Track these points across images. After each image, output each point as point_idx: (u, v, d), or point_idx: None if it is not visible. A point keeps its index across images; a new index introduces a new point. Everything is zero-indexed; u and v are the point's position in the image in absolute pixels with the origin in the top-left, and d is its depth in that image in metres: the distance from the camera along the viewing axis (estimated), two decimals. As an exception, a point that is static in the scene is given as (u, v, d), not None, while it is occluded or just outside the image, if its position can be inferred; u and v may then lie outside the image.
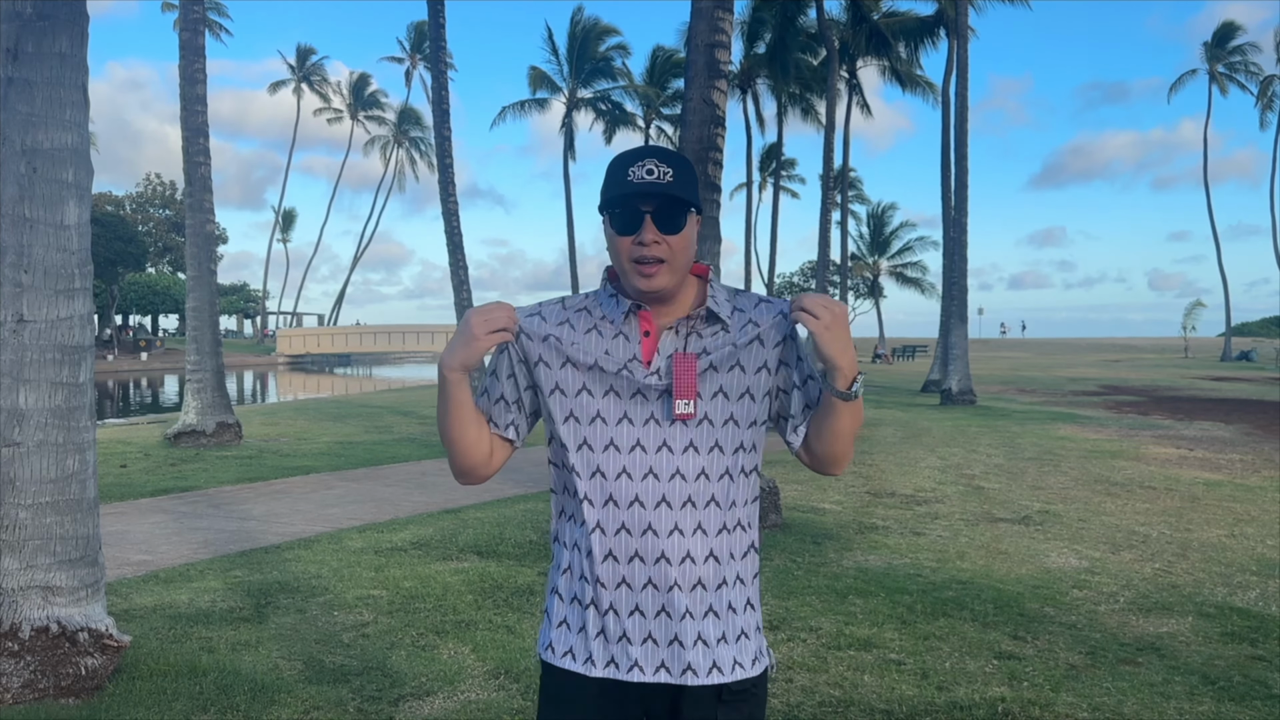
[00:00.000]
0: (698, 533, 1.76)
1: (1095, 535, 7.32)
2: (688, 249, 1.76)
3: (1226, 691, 4.09)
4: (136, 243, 53.49)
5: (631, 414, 1.76)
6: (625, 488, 1.75)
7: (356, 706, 3.89)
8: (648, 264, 1.72)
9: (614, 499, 1.76)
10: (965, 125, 22.41)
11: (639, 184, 1.70)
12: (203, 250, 13.52)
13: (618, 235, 1.74)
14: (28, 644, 3.94)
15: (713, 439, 1.77)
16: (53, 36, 4.12)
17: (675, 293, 1.79)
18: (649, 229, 1.71)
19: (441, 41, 17.57)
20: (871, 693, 4.06)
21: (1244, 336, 79.65)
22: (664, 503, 1.75)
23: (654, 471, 1.75)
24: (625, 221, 1.72)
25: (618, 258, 1.76)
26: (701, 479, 1.76)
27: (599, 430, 1.78)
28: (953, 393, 21.33)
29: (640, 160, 1.72)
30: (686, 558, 1.75)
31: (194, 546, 6.87)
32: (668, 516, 1.74)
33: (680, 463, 1.75)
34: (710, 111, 8.68)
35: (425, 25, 47.75)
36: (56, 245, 4.12)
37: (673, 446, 1.76)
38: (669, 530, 1.74)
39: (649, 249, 1.71)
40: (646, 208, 1.71)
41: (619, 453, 1.76)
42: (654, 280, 1.73)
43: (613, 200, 1.74)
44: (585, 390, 1.78)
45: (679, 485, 1.75)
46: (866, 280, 62.27)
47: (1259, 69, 50.09)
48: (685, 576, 1.75)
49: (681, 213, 1.72)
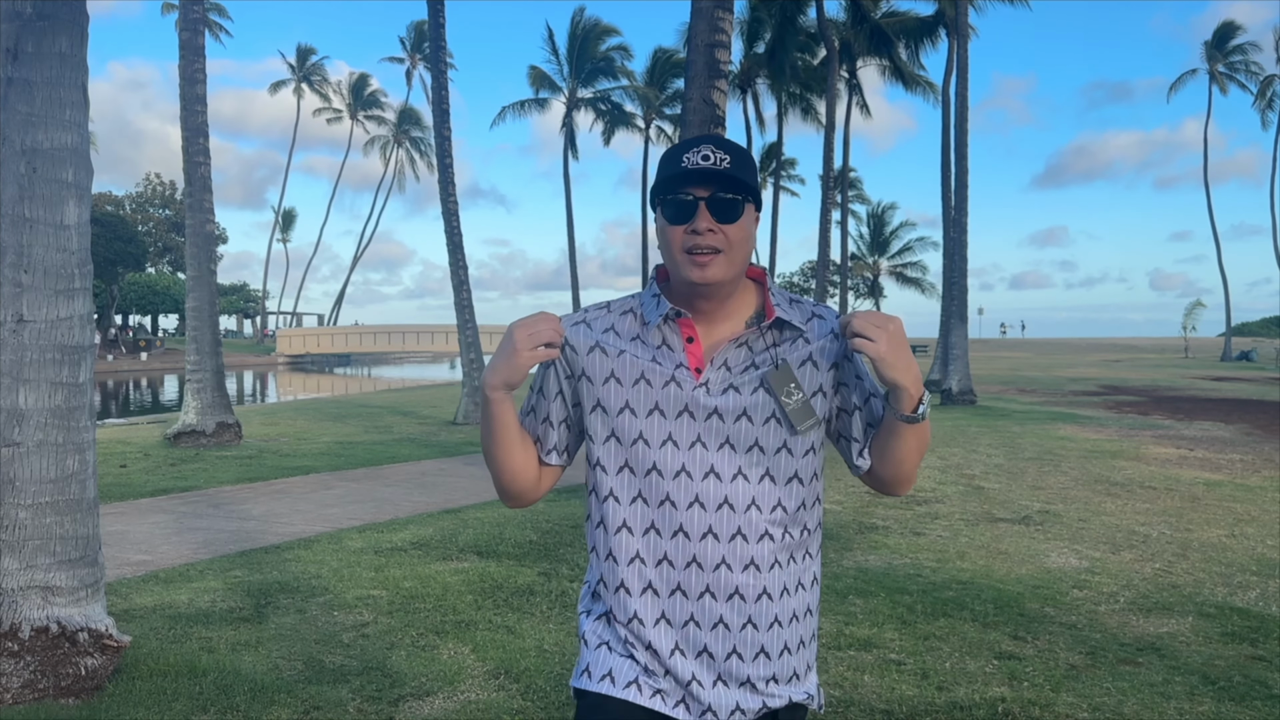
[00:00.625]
0: (749, 569, 1.64)
1: (1095, 535, 7.32)
2: (745, 242, 1.63)
3: (1227, 692, 4.08)
4: (136, 242, 53.53)
5: (677, 436, 1.64)
6: (669, 516, 1.64)
7: (356, 707, 3.89)
8: (702, 254, 1.60)
9: (656, 527, 1.65)
10: (965, 125, 22.41)
11: (694, 169, 1.58)
12: (202, 250, 13.52)
13: (670, 225, 1.62)
14: (27, 644, 3.94)
15: (764, 467, 1.65)
16: (52, 36, 4.12)
17: (729, 293, 1.67)
18: (703, 216, 1.59)
19: (441, 41, 17.57)
20: (872, 693, 4.05)
21: (1244, 336, 79.65)
22: (710, 534, 1.63)
23: (700, 500, 1.63)
24: (678, 209, 1.61)
25: (669, 250, 1.64)
26: (752, 509, 1.64)
27: (641, 452, 1.66)
28: (953, 392, 21.33)
29: (696, 147, 1.61)
30: (735, 594, 1.64)
31: (194, 546, 6.87)
32: (714, 549, 1.63)
33: (730, 491, 1.63)
34: (710, 111, 8.68)
35: (425, 25, 47.75)
36: (56, 245, 4.12)
37: (720, 473, 1.63)
38: (715, 564, 1.63)
39: (703, 238, 1.59)
40: (701, 194, 1.59)
41: (662, 478, 1.64)
42: (708, 270, 1.60)
43: (666, 186, 1.62)
44: (629, 409, 1.66)
45: (726, 515, 1.63)
46: (866, 280, 62.24)
47: (1260, 68, 50.10)
48: (734, 614, 1.64)
49: (738, 201, 1.60)
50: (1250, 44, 50.20)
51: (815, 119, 37.48)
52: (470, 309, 17.35)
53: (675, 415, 1.63)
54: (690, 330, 1.67)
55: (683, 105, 9.05)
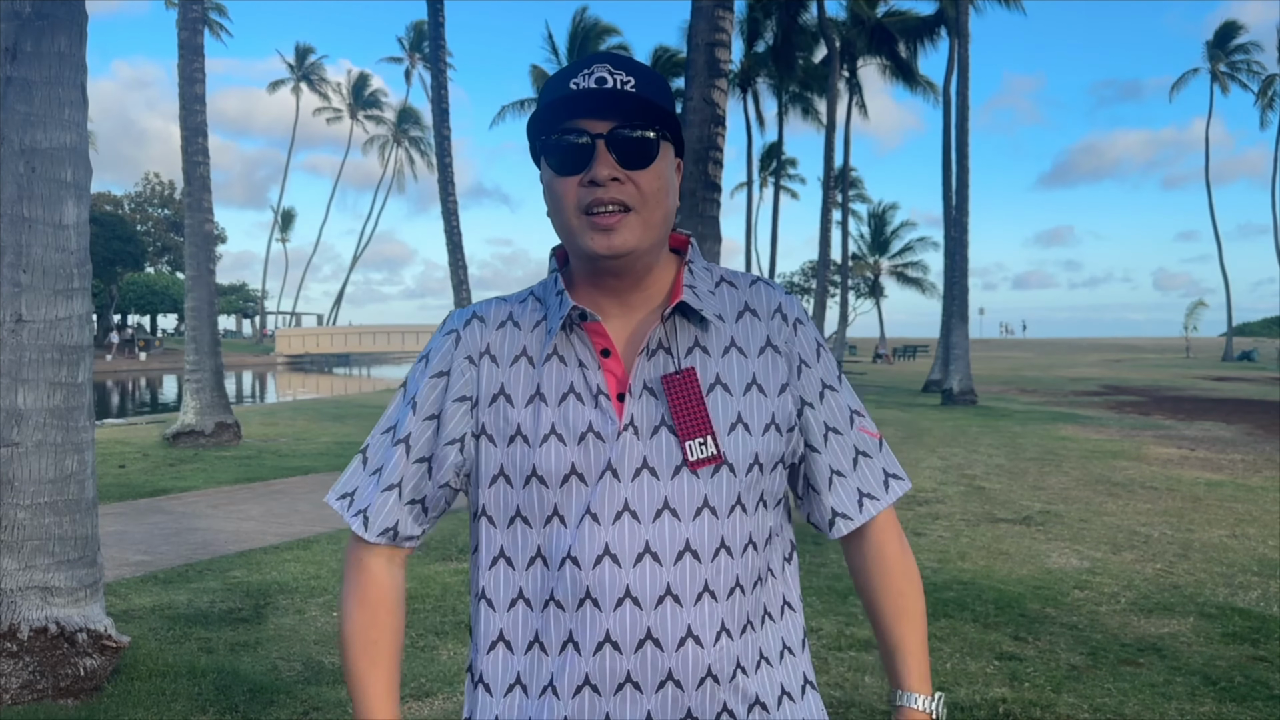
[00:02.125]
0: (722, 637, 1.18)
1: (1096, 535, 7.31)
2: (664, 194, 1.17)
3: (1228, 692, 4.07)
4: (135, 242, 53.53)
5: (612, 463, 1.19)
6: (609, 576, 1.16)
7: (356, 707, 3.88)
8: (605, 213, 1.14)
9: (591, 595, 1.16)
10: (966, 125, 22.40)
11: (584, 93, 1.13)
12: (201, 250, 13.51)
13: (557, 176, 1.16)
14: (26, 644, 3.93)
15: (734, 494, 1.19)
16: (51, 36, 4.11)
17: (646, 266, 1.22)
18: (603, 160, 1.13)
19: (441, 41, 17.56)
20: (872, 693, 4.04)
21: (1245, 336, 79.65)
22: (669, 596, 1.16)
23: (651, 550, 1.16)
24: (567, 154, 1.15)
25: (561, 212, 1.18)
26: (722, 554, 1.19)
27: (541, 495, 1.20)
28: (954, 393, 21.32)
29: (588, 67, 1.16)
30: (708, 677, 1.17)
31: (193, 547, 6.86)
32: (677, 616, 1.16)
33: (691, 533, 1.17)
34: (710, 111, 8.67)
35: (424, 24, 47.78)
36: (55, 245, 4.10)
37: (678, 510, 1.17)
38: (678, 639, 1.16)
39: (606, 191, 1.13)
40: (598, 129, 1.13)
41: (593, 523, 1.17)
42: (615, 236, 1.14)
43: (548, 121, 1.15)
44: (521, 437, 1.22)
45: (690, 567, 1.17)
46: (867, 280, 62.27)
47: (1261, 68, 50.12)
48: (707, 702, 1.17)
49: (651, 140, 1.15)
50: (1252, 43, 50.26)
51: (816, 118, 37.49)
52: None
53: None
54: (605, 341, 1.22)
55: (683, 104, 9.04)
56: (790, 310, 1.29)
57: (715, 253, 9.10)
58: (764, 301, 1.28)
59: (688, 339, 1.23)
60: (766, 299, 1.28)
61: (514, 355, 1.25)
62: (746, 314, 1.27)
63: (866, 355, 58.49)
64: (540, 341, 1.25)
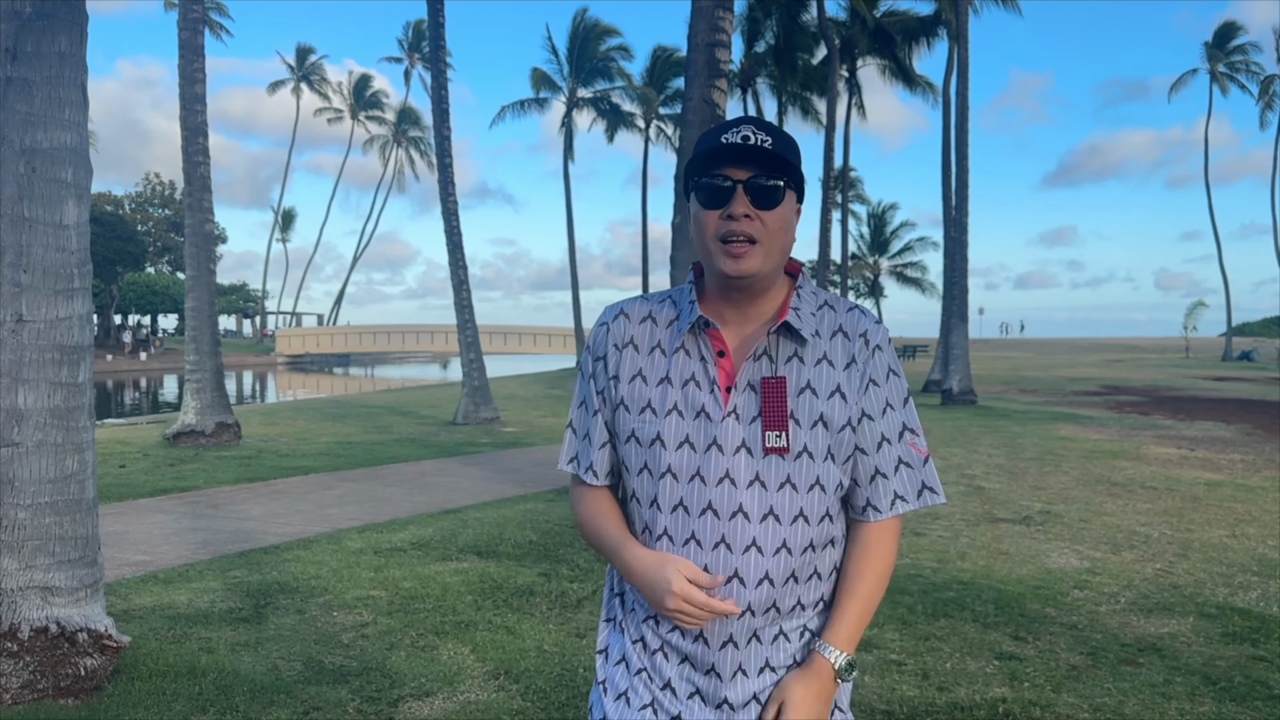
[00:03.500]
0: (789, 582, 1.54)
1: (1096, 535, 7.32)
2: (784, 232, 1.50)
3: (1228, 692, 4.08)
4: (136, 242, 53.52)
5: (718, 439, 1.54)
6: (710, 525, 1.52)
7: (356, 707, 3.88)
8: (737, 242, 1.47)
9: (696, 537, 1.52)
10: (966, 125, 22.41)
11: (731, 147, 1.46)
12: (202, 250, 13.52)
13: (704, 209, 1.50)
14: (27, 644, 3.94)
15: (814, 475, 1.53)
16: (52, 36, 4.12)
17: (764, 288, 1.55)
18: (740, 201, 1.46)
19: (441, 41, 17.56)
20: (872, 693, 4.05)
21: (1245, 336, 79.66)
22: (754, 547, 1.52)
23: (744, 510, 1.51)
24: (713, 193, 1.48)
25: (702, 238, 1.51)
26: (800, 521, 1.53)
27: (660, 455, 1.55)
28: (953, 393, 21.33)
29: (736, 127, 1.49)
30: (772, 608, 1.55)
31: (193, 547, 6.86)
32: (759, 563, 1.52)
33: (775, 500, 1.52)
34: (710, 111, 8.67)
35: (423, 24, 47.76)
36: (55, 245, 4.11)
37: (766, 482, 1.52)
38: (758, 579, 1.52)
39: (739, 224, 1.46)
40: (739, 177, 1.47)
41: (700, 483, 1.53)
42: (743, 262, 1.47)
43: (700, 166, 1.49)
44: (650, 409, 1.57)
45: (772, 526, 1.52)
46: (867, 280, 62.27)
47: (1260, 68, 50.11)
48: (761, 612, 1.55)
49: (779, 187, 1.48)
50: (1251, 44, 50.26)
51: (816, 118, 37.48)
52: (470, 309, 17.37)
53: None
54: (721, 344, 1.55)
55: (683, 105, 9.04)
56: (873, 337, 1.58)
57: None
58: (854, 326, 1.58)
59: (788, 350, 1.54)
60: (857, 324, 1.58)
61: (651, 346, 1.60)
62: (839, 334, 1.57)
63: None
64: (672, 337, 1.59)
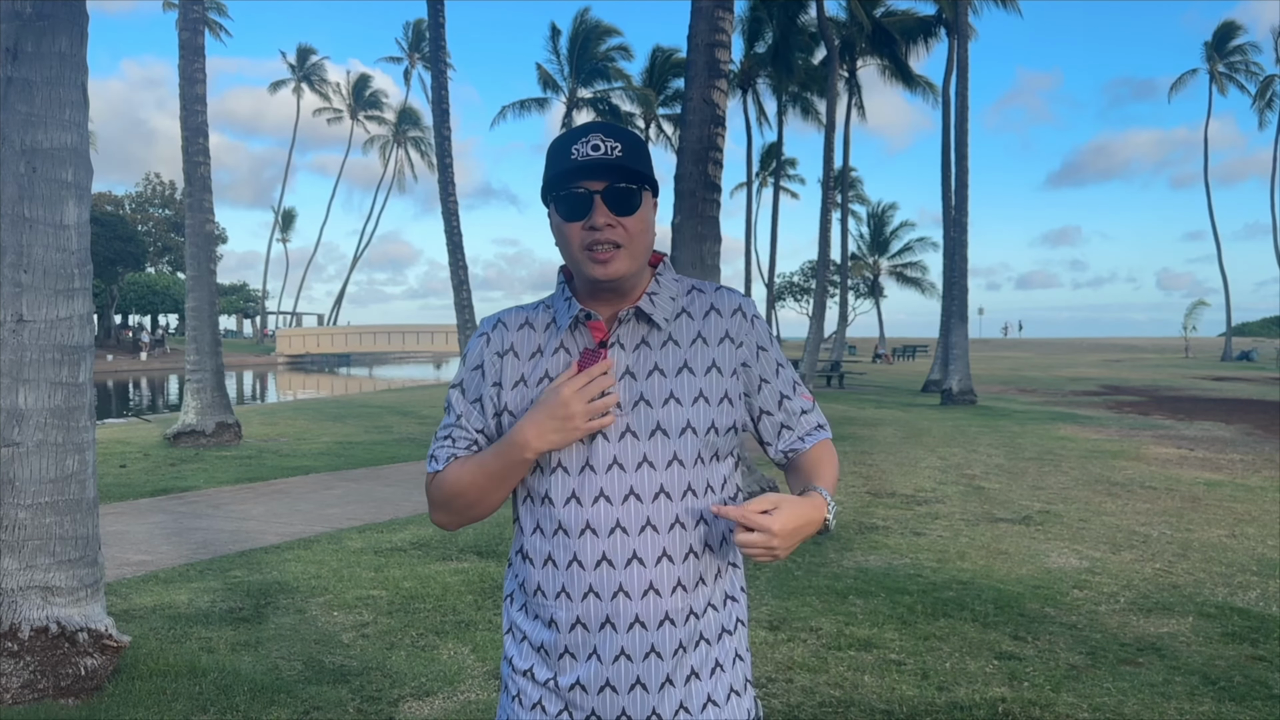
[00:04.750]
0: (663, 561, 1.55)
1: (1096, 535, 7.32)
2: (645, 232, 1.56)
3: (1227, 692, 4.08)
4: (136, 242, 53.46)
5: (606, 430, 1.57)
6: (575, 514, 1.55)
7: (356, 707, 3.89)
8: (603, 249, 1.52)
9: (564, 527, 1.56)
10: (965, 125, 22.42)
11: (584, 161, 1.50)
12: (202, 250, 13.52)
13: (565, 222, 1.54)
14: (27, 644, 3.94)
15: (670, 451, 1.55)
16: (52, 36, 4.12)
17: (633, 285, 1.60)
18: (600, 211, 1.51)
19: (441, 41, 17.56)
20: (872, 693, 4.05)
21: (1245, 336, 79.65)
22: (619, 528, 1.54)
23: (605, 494, 1.55)
24: (572, 205, 1.52)
25: (568, 248, 1.56)
26: (661, 498, 1.55)
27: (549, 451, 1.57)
28: (953, 393, 21.33)
29: (585, 136, 1.52)
30: (650, 589, 1.54)
31: (193, 547, 6.87)
32: (624, 543, 1.54)
33: (634, 481, 1.55)
34: (710, 111, 8.68)
35: (423, 24, 47.76)
36: (56, 245, 4.11)
37: (624, 464, 1.55)
38: (626, 560, 1.54)
39: (602, 233, 1.51)
40: (595, 187, 1.51)
41: (568, 475, 1.56)
42: (610, 266, 1.52)
43: (557, 182, 1.53)
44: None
45: (634, 507, 1.54)
46: (867, 280, 62.29)
47: (1259, 69, 50.14)
48: (649, 610, 1.54)
49: (635, 191, 1.53)
50: (1250, 44, 50.31)
51: (815, 118, 37.49)
52: (470, 309, 17.37)
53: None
54: (603, 334, 1.59)
55: (683, 105, 9.05)
56: (748, 309, 1.66)
57: (715, 252, 9.10)
58: (726, 302, 1.66)
59: (640, 334, 1.61)
60: (729, 300, 1.66)
61: (531, 351, 1.64)
62: (712, 312, 1.64)
63: (866, 355, 58.50)
64: (549, 339, 1.63)
